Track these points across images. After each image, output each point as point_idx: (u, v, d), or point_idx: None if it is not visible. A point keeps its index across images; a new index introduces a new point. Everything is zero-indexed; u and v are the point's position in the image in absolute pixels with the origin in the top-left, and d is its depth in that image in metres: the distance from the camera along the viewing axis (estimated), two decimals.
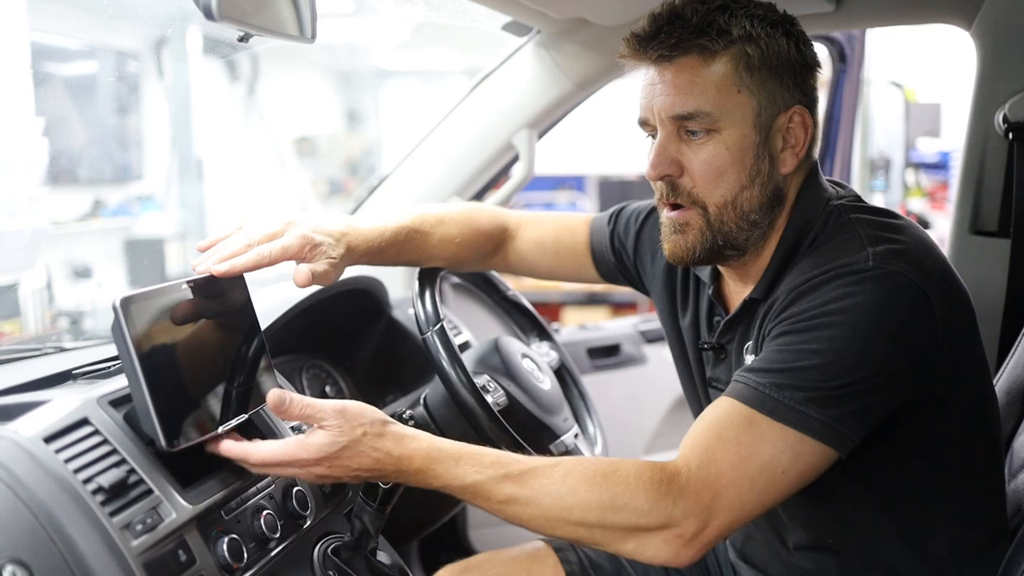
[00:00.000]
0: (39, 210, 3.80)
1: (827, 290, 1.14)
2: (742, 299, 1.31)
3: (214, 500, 1.12)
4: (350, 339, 1.98)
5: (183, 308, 1.12)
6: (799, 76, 1.25)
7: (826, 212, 1.26)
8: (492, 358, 1.61)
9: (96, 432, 1.07)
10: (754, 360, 1.20)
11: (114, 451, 1.06)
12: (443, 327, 1.43)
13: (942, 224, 5.79)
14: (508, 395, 1.57)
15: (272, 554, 1.18)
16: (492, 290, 1.94)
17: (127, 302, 1.04)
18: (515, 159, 2.20)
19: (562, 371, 1.86)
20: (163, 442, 1.05)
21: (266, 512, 1.18)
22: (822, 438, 1.10)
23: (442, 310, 1.49)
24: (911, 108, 6.49)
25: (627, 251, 1.59)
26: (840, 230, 1.22)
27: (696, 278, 1.44)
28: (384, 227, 1.41)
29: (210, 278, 1.16)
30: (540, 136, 2.21)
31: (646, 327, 2.81)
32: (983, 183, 1.82)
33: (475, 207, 1.64)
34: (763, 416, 1.11)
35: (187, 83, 6.11)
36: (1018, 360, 1.53)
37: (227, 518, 1.14)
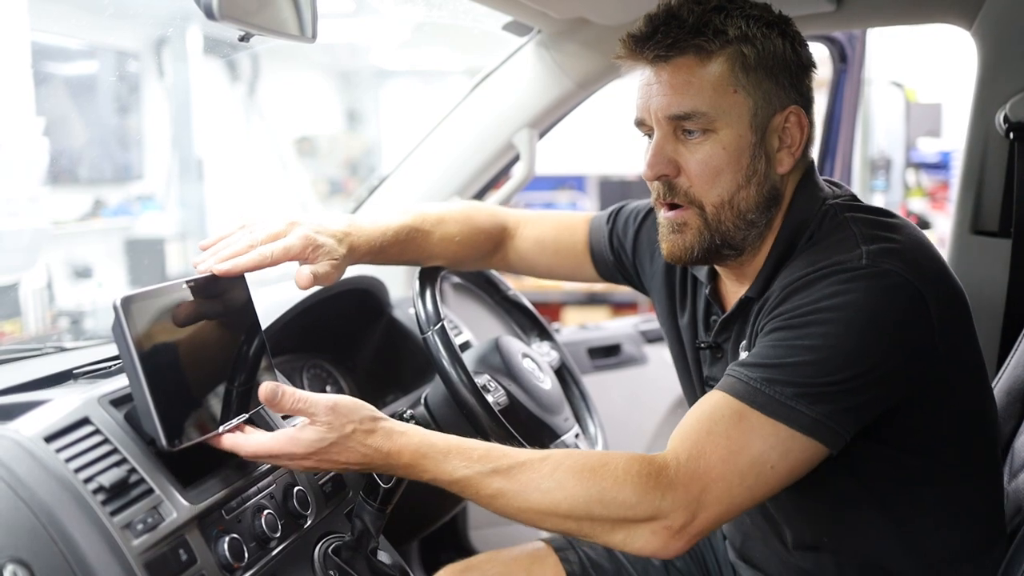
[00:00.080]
0: (40, 210, 3.80)
1: (820, 287, 1.15)
2: (738, 298, 1.31)
3: (215, 500, 1.12)
4: (351, 339, 1.98)
5: (184, 308, 1.12)
6: (795, 76, 1.25)
7: (822, 211, 1.26)
8: (493, 358, 1.61)
9: (97, 431, 1.07)
10: (747, 355, 1.20)
11: (115, 450, 1.07)
12: (444, 327, 1.43)
13: (943, 224, 5.79)
14: (509, 395, 1.56)
15: (273, 554, 1.18)
16: (493, 290, 1.94)
17: (128, 301, 1.04)
18: (516, 159, 2.20)
19: (563, 371, 1.86)
20: (164, 441, 1.05)
21: (267, 512, 1.18)
22: (812, 434, 1.10)
23: (443, 310, 1.49)
24: (912, 108, 6.49)
25: (626, 250, 1.59)
26: (835, 229, 1.22)
27: (694, 278, 1.44)
28: (386, 226, 1.41)
29: (211, 277, 1.16)
30: (541, 136, 2.21)
31: (646, 327, 2.81)
32: (984, 183, 1.82)
33: (475, 206, 1.65)
34: (753, 411, 1.11)
35: (187, 83, 6.10)
36: (1019, 360, 1.52)
37: (228, 518, 1.14)
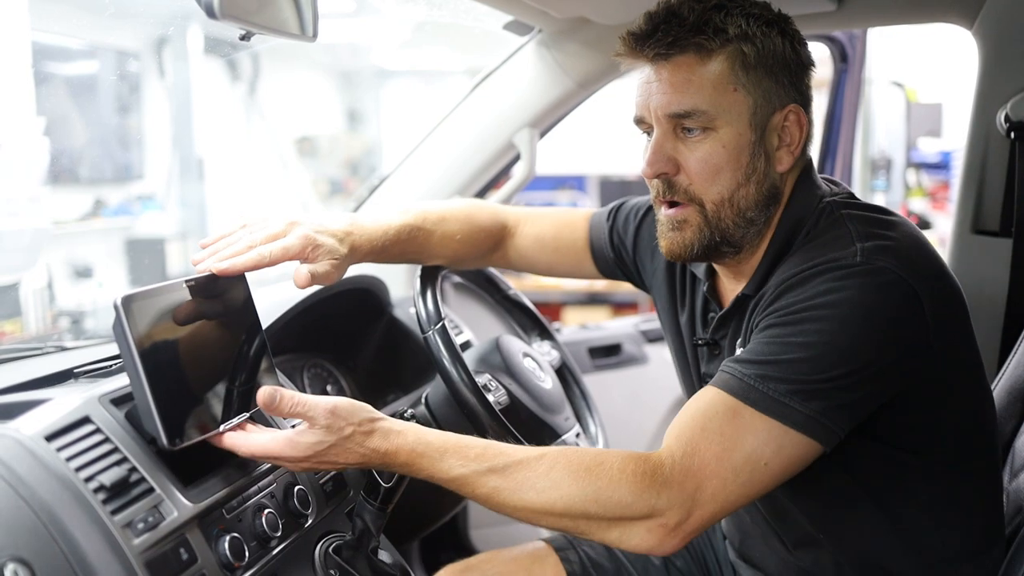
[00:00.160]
0: (40, 210, 3.80)
1: (815, 284, 1.15)
2: (735, 295, 1.31)
3: (215, 499, 1.12)
4: (351, 338, 1.98)
5: (184, 307, 1.12)
6: (794, 75, 1.25)
7: (819, 209, 1.26)
8: (493, 357, 1.61)
9: (97, 431, 1.07)
10: (741, 351, 1.20)
11: (115, 449, 1.06)
12: (444, 326, 1.43)
13: (943, 224, 5.79)
14: (509, 394, 1.56)
15: (273, 553, 1.18)
16: (493, 289, 1.94)
17: (128, 301, 1.04)
18: (516, 159, 2.20)
19: (563, 370, 1.86)
20: (165, 440, 1.05)
21: (267, 511, 1.18)
22: (806, 431, 1.10)
23: (443, 309, 1.49)
24: (912, 108, 6.48)
25: (626, 247, 1.59)
26: (831, 226, 1.23)
27: (692, 275, 1.44)
28: (388, 225, 1.41)
29: (211, 277, 1.16)
30: (541, 136, 2.21)
31: (647, 327, 2.81)
32: (985, 183, 1.82)
33: (475, 204, 1.64)
34: (747, 407, 1.11)
35: (188, 83, 6.10)
36: (1019, 360, 1.52)
37: (228, 517, 1.14)
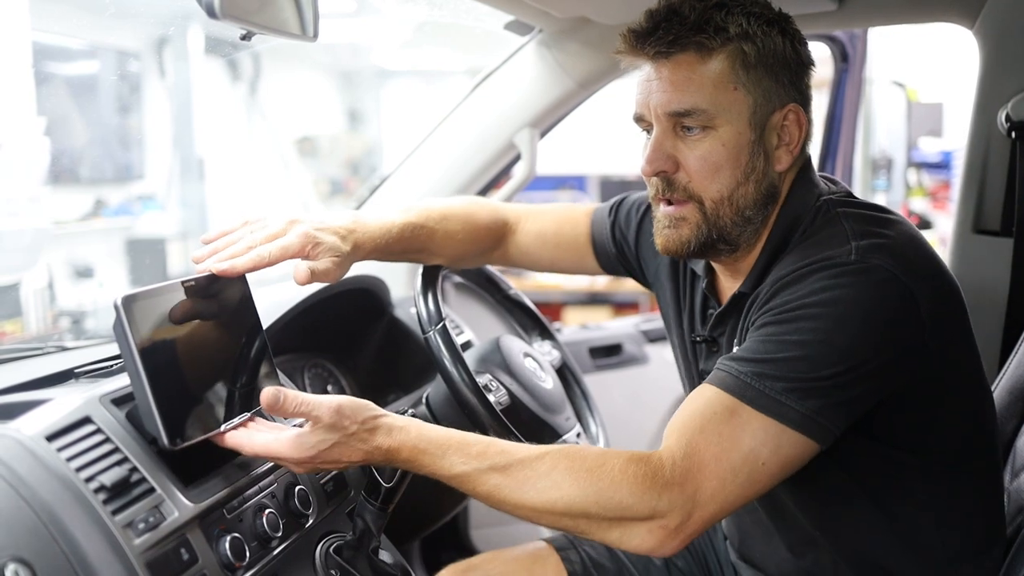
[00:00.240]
0: (41, 210, 3.80)
1: (809, 282, 1.15)
2: (732, 293, 1.31)
3: (216, 499, 1.12)
4: (352, 338, 1.98)
5: (184, 306, 1.12)
6: (794, 74, 1.25)
7: (815, 207, 1.26)
8: (494, 357, 1.61)
9: (98, 431, 1.07)
10: (737, 349, 1.20)
11: (116, 450, 1.06)
12: (445, 326, 1.43)
13: (944, 224, 5.79)
14: (510, 394, 1.56)
15: (274, 553, 1.18)
16: (494, 289, 1.93)
17: (128, 301, 1.04)
18: (517, 159, 2.20)
19: (564, 370, 1.86)
20: (165, 440, 1.05)
21: (268, 511, 1.18)
22: (802, 429, 1.10)
23: (444, 309, 1.49)
24: (913, 107, 6.48)
25: (628, 242, 1.59)
26: (827, 224, 1.23)
27: (692, 271, 1.44)
28: (391, 223, 1.40)
29: (211, 277, 1.16)
30: (542, 135, 2.21)
31: (648, 327, 2.81)
32: (986, 182, 1.82)
33: (476, 201, 1.64)
34: (744, 406, 1.11)
35: (189, 82, 6.10)
36: (1020, 359, 1.52)
37: (229, 517, 1.14)
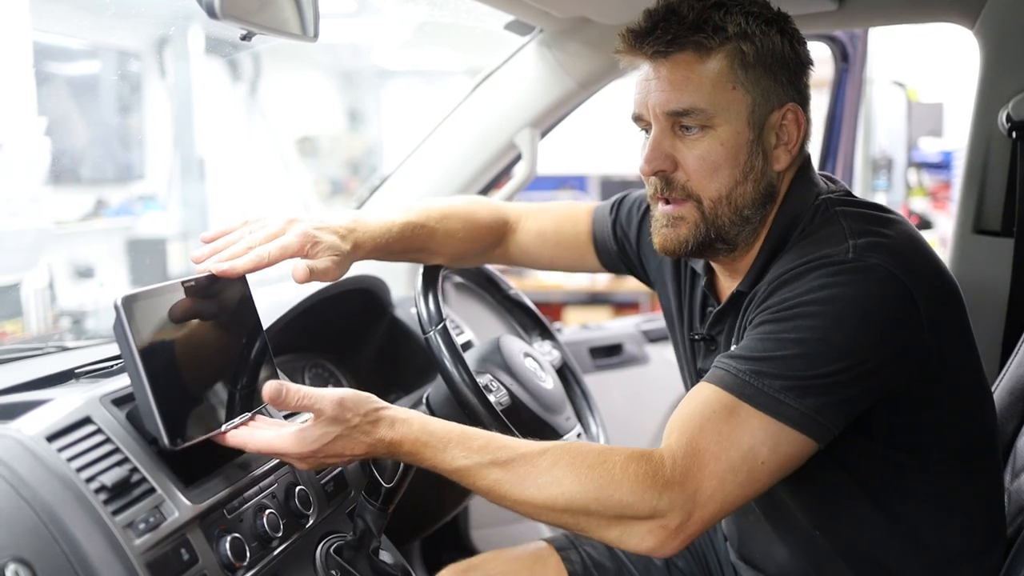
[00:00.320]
0: (41, 210, 3.81)
1: (807, 280, 1.15)
2: (731, 292, 1.31)
3: (217, 499, 1.12)
4: (352, 338, 1.98)
5: (185, 306, 1.12)
6: (793, 73, 1.25)
7: (814, 206, 1.26)
8: (494, 357, 1.61)
9: (99, 431, 1.07)
10: (735, 347, 1.20)
11: (117, 450, 1.07)
12: (445, 326, 1.43)
13: (945, 224, 5.78)
14: (511, 394, 1.56)
15: (275, 553, 1.18)
16: (494, 289, 1.93)
17: (129, 301, 1.04)
18: (517, 159, 2.20)
19: (564, 370, 1.86)
20: (166, 441, 1.05)
21: (268, 511, 1.18)
22: (801, 428, 1.10)
23: (444, 309, 1.49)
24: (913, 107, 6.47)
25: (630, 240, 1.59)
26: (825, 223, 1.23)
27: (692, 269, 1.44)
28: (391, 222, 1.40)
29: (211, 277, 1.16)
30: (542, 135, 2.21)
31: (648, 327, 2.81)
32: (986, 182, 1.82)
33: (477, 200, 1.64)
34: (743, 404, 1.11)
35: (189, 83, 6.09)
36: (1021, 360, 1.52)
37: (229, 517, 1.14)
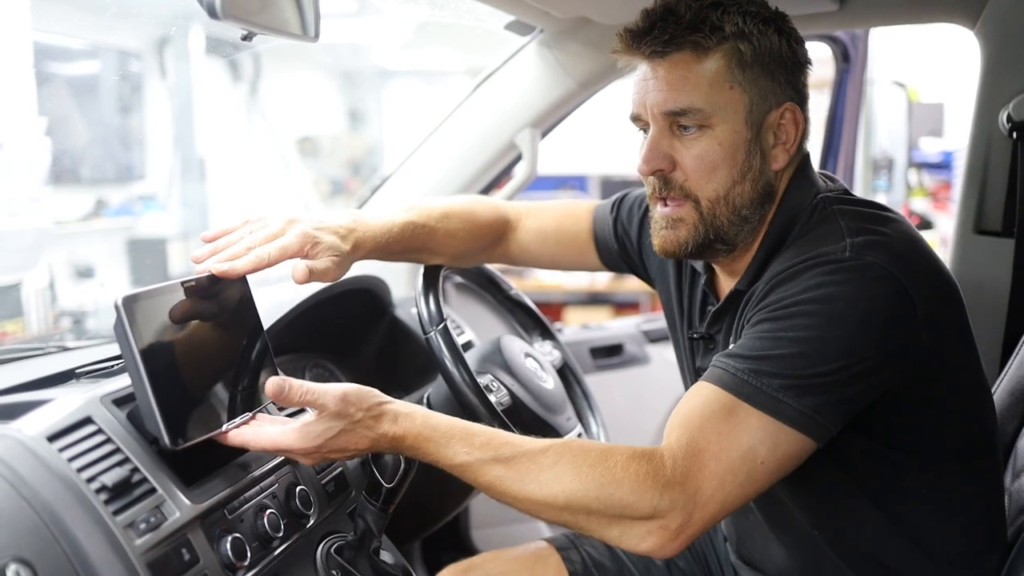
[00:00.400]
0: (42, 210, 3.81)
1: (804, 279, 1.15)
2: (730, 290, 1.31)
3: (217, 499, 1.12)
4: (353, 338, 1.98)
5: (185, 307, 1.12)
6: (791, 73, 1.25)
7: (812, 205, 1.26)
8: (495, 357, 1.61)
9: (99, 431, 1.07)
10: (733, 346, 1.20)
11: (117, 450, 1.07)
12: (446, 326, 1.43)
13: (945, 224, 5.78)
14: (511, 394, 1.56)
15: (275, 553, 1.18)
16: (495, 289, 1.93)
17: (129, 301, 1.04)
18: (518, 159, 2.20)
19: (565, 370, 1.86)
20: (167, 441, 1.05)
21: (269, 511, 1.19)
22: (799, 427, 1.10)
23: (445, 309, 1.49)
24: (914, 108, 6.47)
25: (630, 238, 1.59)
26: (823, 221, 1.23)
27: (692, 268, 1.44)
28: (392, 222, 1.40)
29: (212, 277, 1.16)
30: (543, 136, 2.21)
31: (649, 327, 2.81)
32: (987, 183, 1.82)
33: (477, 200, 1.64)
34: (742, 403, 1.11)
35: (190, 83, 6.09)
36: (1022, 360, 1.52)
37: (230, 517, 1.14)
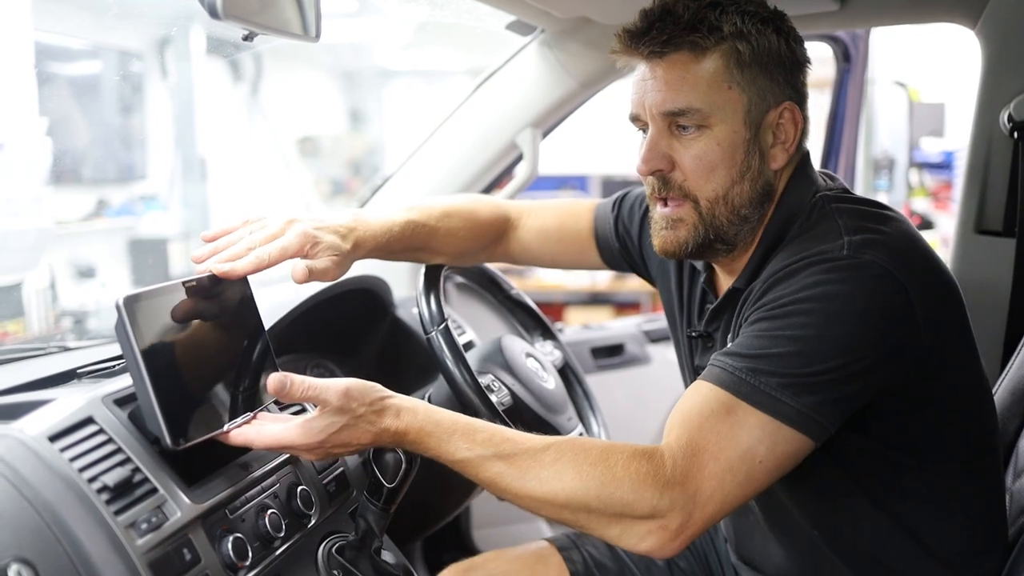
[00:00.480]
0: (43, 210, 3.81)
1: (801, 277, 1.15)
2: (727, 288, 1.31)
3: (219, 499, 1.12)
4: (354, 338, 1.98)
5: (186, 306, 1.12)
6: (789, 72, 1.25)
7: (811, 203, 1.26)
8: (496, 357, 1.61)
9: (101, 431, 1.07)
10: (731, 345, 1.20)
11: (119, 450, 1.07)
12: (447, 326, 1.43)
13: (946, 224, 5.78)
14: (512, 394, 1.57)
15: (276, 553, 1.18)
16: (496, 289, 1.94)
17: (130, 301, 1.04)
18: (519, 159, 2.20)
19: (566, 370, 1.86)
20: (168, 440, 1.05)
21: (271, 511, 1.19)
22: (797, 426, 1.10)
23: (446, 309, 1.49)
24: (915, 108, 6.47)
25: (631, 237, 1.59)
26: (821, 219, 1.23)
27: (692, 266, 1.44)
28: (392, 221, 1.40)
29: (213, 277, 1.16)
30: (544, 136, 2.21)
31: (650, 327, 2.81)
32: (988, 182, 1.82)
33: (477, 199, 1.64)
34: (741, 402, 1.11)
35: (191, 83, 6.09)
36: (1023, 360, 1.52)
37: (232, 517, 1.14)
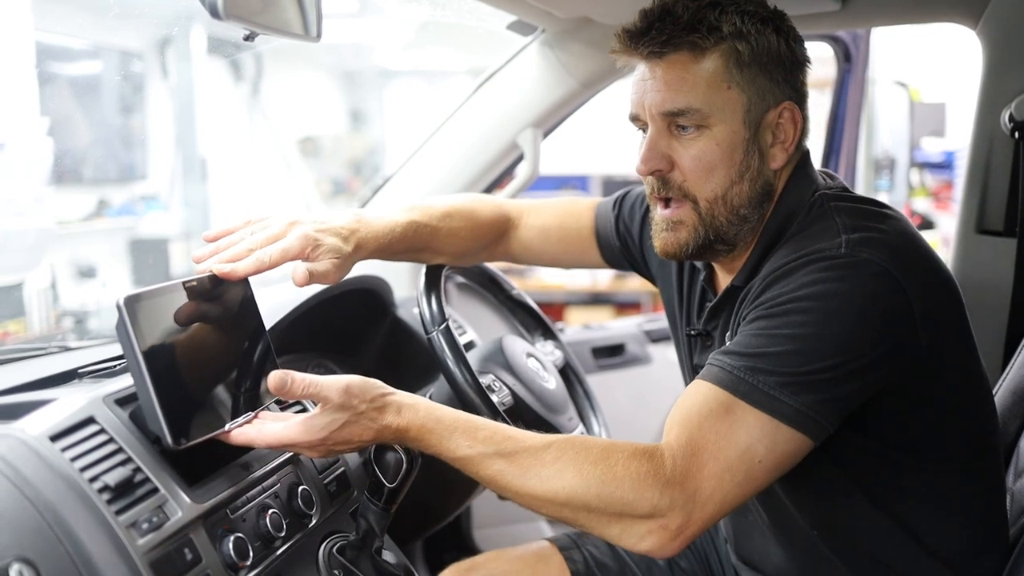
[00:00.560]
0: (44, 210, 3.81)
1: (799, 276, 1.15)
2: (726, 287, 1.31)
3: (220, 499, 1.12)
4: (355, 338, 1.98)
5: (187, 306, 1.12)
6: (789, 72, 1.25)
7: (810, 202, 1.26)
8: (497, 357, 1.61)
9: (102, 431, 1.07)
10: (729, 343, 1.19)
11: (120, 450, 1.07)
12: (448, 326, 1.43)
13: (947, 224, 5.78)
14: (513, 394, 1.57)
15: (277, 553, 1.18)
16: (497, 289, 1.94)
17: (131, 301, 1.04)
18: (520, 159, 2.20)
19: (567, 370, 1.86)
20: (169, 440, 1.05)
21: (271, 511, 1.19)
22: (796, 425, 1.10)
23: (447, 309, 1.49)
24: (916, 108, 6.47)
25: (632, 236, 1.59)
26: (819, 217, 1.23)
27: (693, 264, 1.44)
28: (394, 222, 1.40)
29: (213, 277, 1.16)
30: (545, 136, 2.21)
31: (650, 327, 2.81)
32: (989, 182, 1.82)
33: (478, 198, 1.64)
34: (739, 401, 1.11)
35: (191, 83, 6.10)
36: None
37: (233, 517, 1.14)
